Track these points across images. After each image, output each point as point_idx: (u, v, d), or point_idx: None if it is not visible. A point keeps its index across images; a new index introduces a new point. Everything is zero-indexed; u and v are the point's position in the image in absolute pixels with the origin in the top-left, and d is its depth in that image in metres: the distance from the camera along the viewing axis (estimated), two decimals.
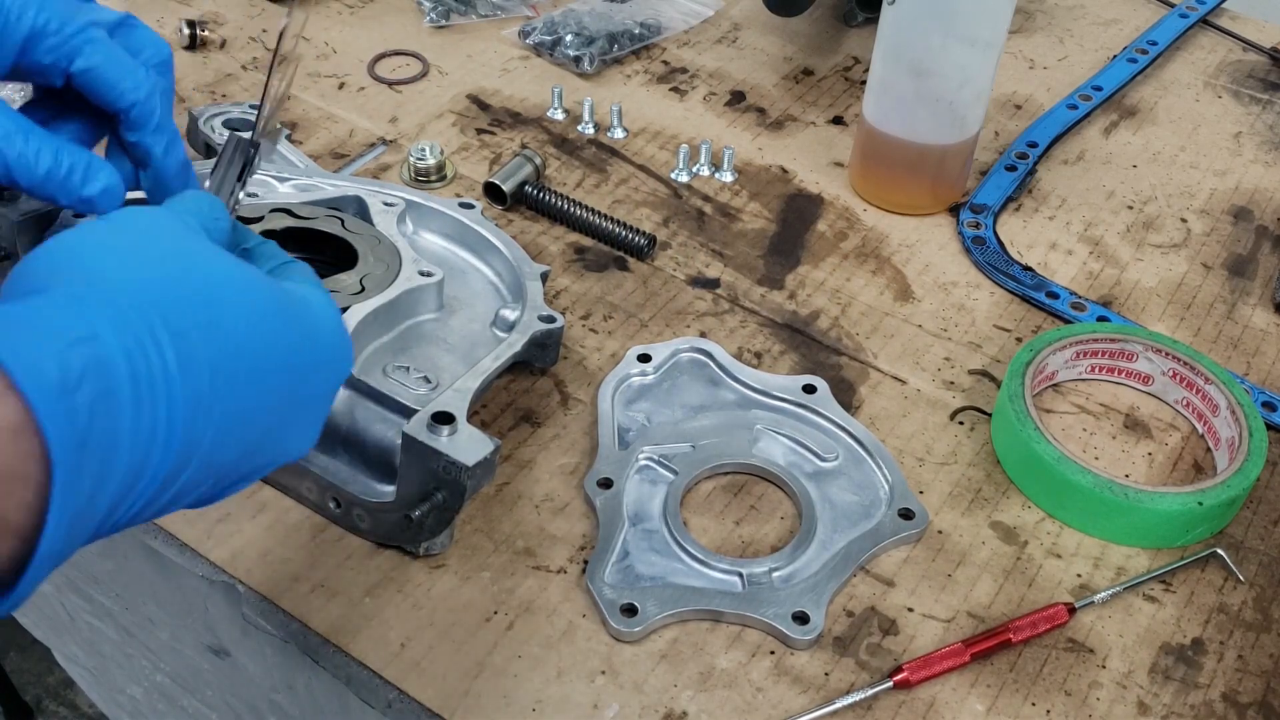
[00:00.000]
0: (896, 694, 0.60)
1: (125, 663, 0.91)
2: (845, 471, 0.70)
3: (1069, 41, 1.11)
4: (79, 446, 0.37)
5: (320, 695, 0.64)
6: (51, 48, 0.56)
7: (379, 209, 0.75)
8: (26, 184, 0.55)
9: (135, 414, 0.38)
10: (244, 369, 0.42)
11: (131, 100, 0.58)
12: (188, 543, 0.65)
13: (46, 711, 1.63)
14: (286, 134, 0.90)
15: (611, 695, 0.59)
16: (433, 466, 0.58)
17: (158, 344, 0.40)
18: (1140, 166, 0.96)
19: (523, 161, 0.88)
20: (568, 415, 0.73)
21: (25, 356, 0.36)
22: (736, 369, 0.75)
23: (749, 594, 0.63)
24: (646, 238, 0.84)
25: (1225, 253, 0.88)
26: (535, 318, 0.70)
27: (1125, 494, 0.66)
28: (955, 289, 0.84)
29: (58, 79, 0.58)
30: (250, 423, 0.43)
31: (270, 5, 1.08)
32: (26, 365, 0.36)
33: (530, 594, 0.63)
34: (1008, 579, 0.66)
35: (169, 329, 0.40)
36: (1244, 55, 1.10)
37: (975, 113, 0.85)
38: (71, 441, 0.36)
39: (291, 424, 0.46)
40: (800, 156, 0.95)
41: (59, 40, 0.56)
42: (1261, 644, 0.63)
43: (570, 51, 1.02)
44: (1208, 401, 0.73)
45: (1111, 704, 0.60)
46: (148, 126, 0.60)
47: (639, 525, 0.66)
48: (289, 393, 0.45)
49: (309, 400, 0.47)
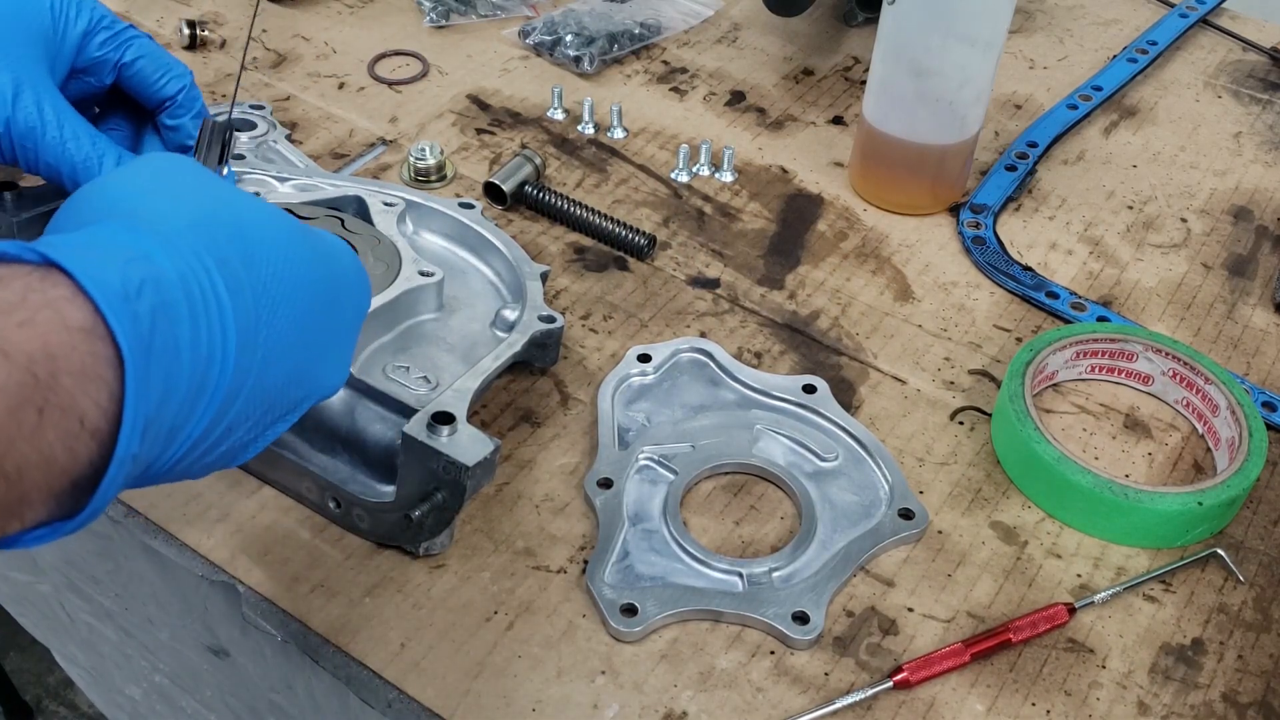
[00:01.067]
0: (896, 694, 0.60)
1: (124, 663, 0.91)
2: (845, 471, 0.70)
3: (1069, 41, 1.11)
4: (145, 351, 0.38)
5: (320, 695, 0.64)
6: (105, 41, 0.64)
7: (379, 209, 0.75)
8: (66, 171, 0.60)
9: (193, 328, 0.40)
10: (282, 297, 0.45)
11: (180, 86, 0.65)
12: (188, 543, 0.65)
13: (46, 711, 1.63)
14: (287, 134, 0.90)
15: (611, 695, 0.59)
16: (433, 466, 0.58)
17: (206, 269, 0.42)
18: (1140, 166, 0.96)
19: (523, 161, 0.88)
20: (568, 415, 0.73)
21: (89, 267, 0.38)
22: (736, 369, 0.75)
23: (749, 594, 0.63)
24: (646, 238, 0.84)
25: (1225, 253, 0.88)
26: (535, 318, 0.70)
27: (1125, 494, 0.66)
28: (955, 289, 0.84)
29: (109, 74, 0.64)
30: (291, 349, 0.45)
31: (270, 5, 1.08)
32: (92, 274, 0.38)
33: (530, 594, 0.63)
34: (1008, 579, 0.66)
35: (214, 256, 0.42)
36: (1244, 55, 1.10)
37: (975, 113, 0.85)
38: (139, 345, 0.38)
39: (326, 354, 0.48)
40: (800, 156, 0.95)
41: (111, 34, 0.63)
42: (1261, 644, 0.63)
43: (570, 51, 1.02)
44: (1208, 401, 0.73)
45: (1111, 704, 0.60)
46: (190, 111, 0.66)
47: (639, 525, 0.66)
48: (322, 322, 0.47)
49: (339, 330, 0.50)
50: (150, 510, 0.66)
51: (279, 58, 1.02)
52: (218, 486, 0.68)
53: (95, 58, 0.62)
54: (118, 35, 0.62)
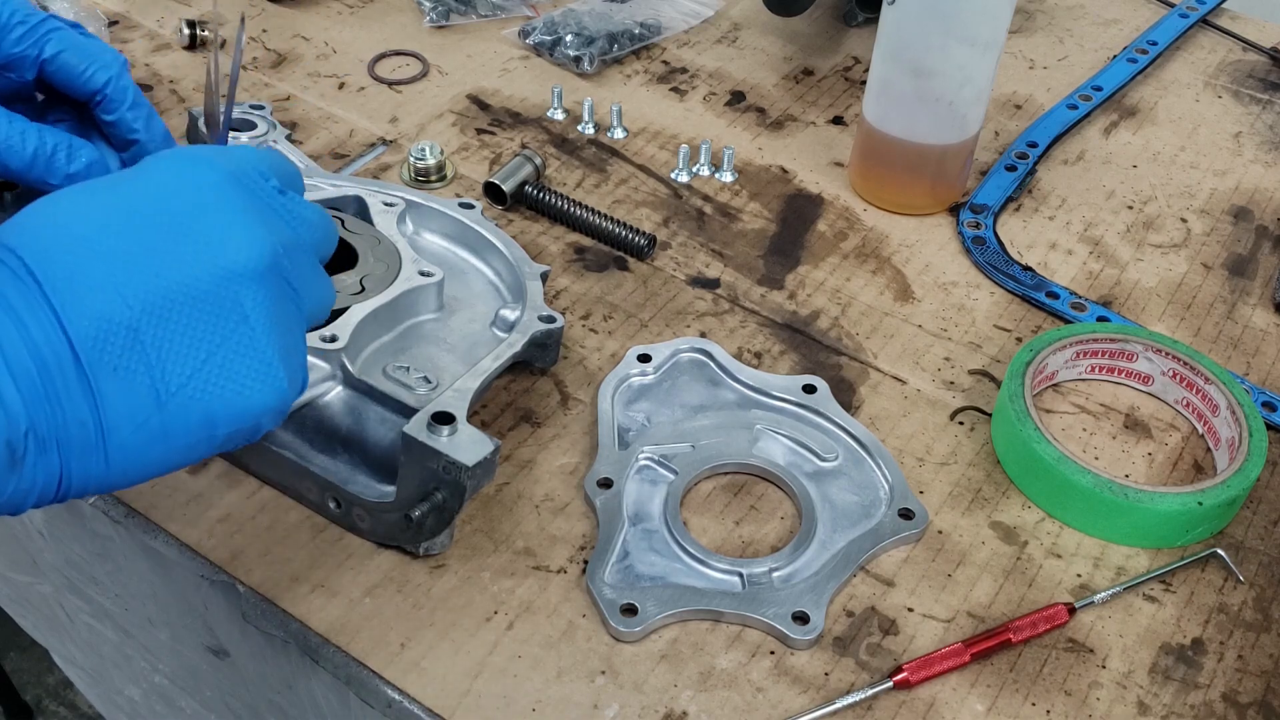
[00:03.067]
0: (896, 694, 0.60)
1: (124, 663, 0.91)
2: (845, 471, 0.70)
3: (1069, 41, 1.11)
4: None
5: (320, 695, 0.64)
6: (22, 36, 0.60)
7: (379, 209, 0.75)
8: (17, 166, 0.57)
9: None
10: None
11: (105, 78, 0.62)
12: (188, 543, 0.65)
13: (46, 711, 1.63)
14: (287, 134, 0.90)
15: (611, 695, 0.59)
16: (433, 466, 0.58)
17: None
18: (1140, 166, 0.96)
19: (523, 161, 0.88)
20: (568, 415, 0.73)
21: None
22: (736, 369, 0.75)
23: (749, 594, 0.63)
24: (646, 238, 0.84)
25: (1225, 253, 0.88)
26: (535, 318, 0.70)
27: (1125, 494, 0.66)
28: (955, 289, 0.84)
29: (30, 70, 0.61)
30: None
31: (270, 5, 1.08)
32: None
33: (530, 594, 0.63)
34: (1008, 579, 0.66)
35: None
36: (1244, 55, 1.10)
37: (975, 113, 0.85)
38: None
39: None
40: (800, 156, 0.95)
41: (27, 30, 0.60)
42: (1261, 644, 0.63)
43: (570, 51, 1.02)
44: (1208, 401, 0.73)
45: (1111, 704, 0.60)
46: (124, 103, 0.63)
47: (639, 525, 0.66)
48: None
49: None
50: (150, 510, 0.66)
51: (279, 58, 1.02)
52: (218, 486, 0.68)
53: (13, 54, 0.59)
54: (35, 29, 0.60)
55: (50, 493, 0.42)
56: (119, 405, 0.42)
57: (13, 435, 0.40)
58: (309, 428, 0.65)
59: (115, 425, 0.42)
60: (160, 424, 0.43)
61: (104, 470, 0.43)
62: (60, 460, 0.42)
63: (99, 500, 0.68)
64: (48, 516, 0.79)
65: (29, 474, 0.41)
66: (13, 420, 0.40)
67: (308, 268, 0.49)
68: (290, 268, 0.47)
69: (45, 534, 0.82)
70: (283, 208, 0.48)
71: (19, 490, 0.41)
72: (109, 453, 0.43)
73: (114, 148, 0.64)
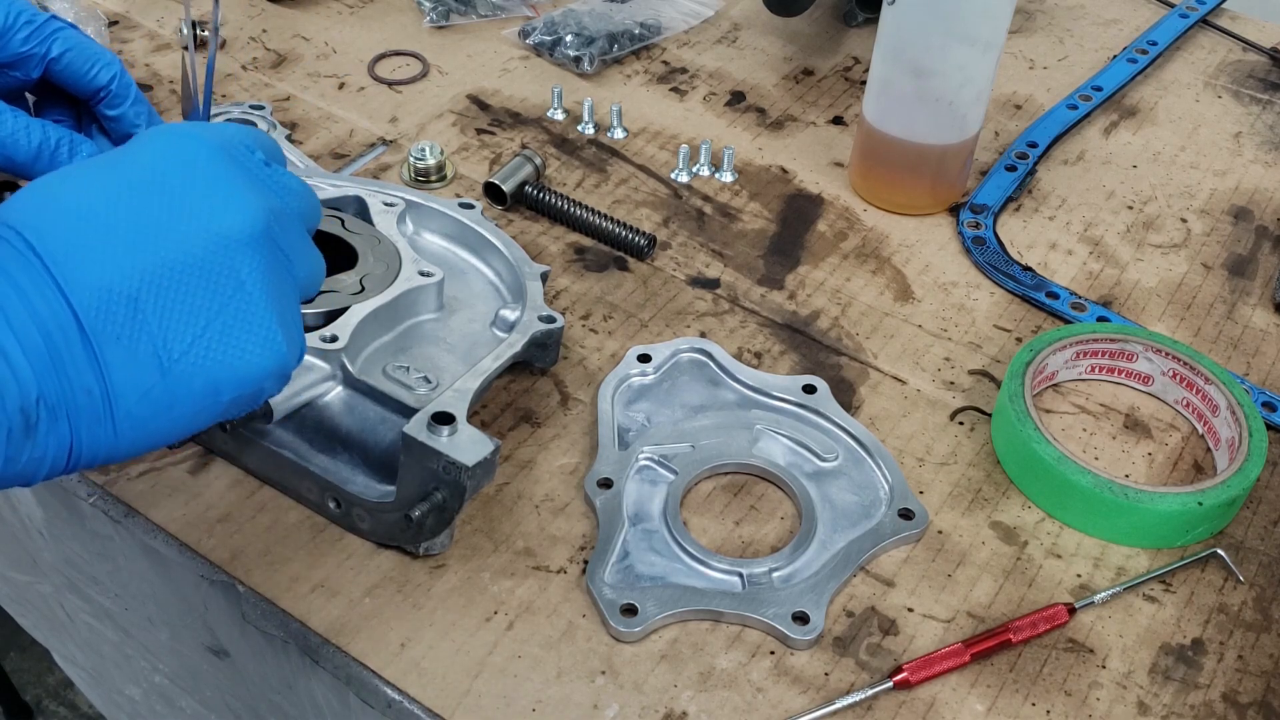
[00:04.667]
0: (896, 694, 0.60)
1: (124, 663, 0.91)
2: (845, 471, 0.70)
3: (1069, 41, 1.11)
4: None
5: (320, 695, 0.64)
6: (29, 36, 0.62)
7: (379, 209, 0.75)
8: (22, 159, 0.59)
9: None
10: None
11: (110, 75, 0.64)
12: (188, 543, 0.65)
13: (46, 711, 1.63)
14: (287, 134, 0.90)
15: (611, 695, 0.59)
16: (433, 466, 0.58)
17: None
18: (1140, 166, 0.96)
19: (523, 161, 0.88)
20: (568, 415, 0.73)
21: None
22: (736, 369, 0.75)
23: (749, 594, 0.63)
24: (646, 238, 0.84)
25: (1225, 253, 0.88)
26: (535, 318, 0.70)
27: (1125, 494, 0.66)
28: (955, 289, 0.84)
29: (36, 69, 0.62)
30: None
31: (270, 5, 1.08)
32: None
33: (530, 594, 0.63)
34: (1008, 579, 0.66)
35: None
36: (1244, 55, 1.10)
37: (975, 113, 0.85)
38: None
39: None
40: (800, 156, 0.95)
41: (33, 30, 0.62)
42: (1261, 644, 0.63)
43: (570, 51, 1.02)
44: (1208, 401, 0.73)
45: (1111, 704, 0.60)
46: (128, 98, 0.64)
47: (639, 525, 0.66)
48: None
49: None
50: (150, 510, 0.66)
51: (279, 58, 1.02)
52: (218, 486, 0.68)
53: (20, 53, 0.61)
54: (41, 29, 0.61)
55: (61, 463, 0.43)
56: (124, 374, 0.43)
57: (25, 402, 0.41)
58: (309, 428, 0.65)
59: (121, 393, 0.43)
60: (165, 391, 0.44)
61: (112, 438, 0.44)
62: (70, 429, 0.43)
63: (99, 500, 0.68)
64: (48, 516, 0.79)
65: (42, 442, 0.42)
66: (24, 387, 0.41)
67: (297, 236, 0.50)
68: (281, 235, 0.48)
69: (45, 533, 0.82)
70: (269, 178, 0.49)
71: (32, 459, 0.42)
72: (116, 421, 0.44)
73: (113, 143, 0.65)
